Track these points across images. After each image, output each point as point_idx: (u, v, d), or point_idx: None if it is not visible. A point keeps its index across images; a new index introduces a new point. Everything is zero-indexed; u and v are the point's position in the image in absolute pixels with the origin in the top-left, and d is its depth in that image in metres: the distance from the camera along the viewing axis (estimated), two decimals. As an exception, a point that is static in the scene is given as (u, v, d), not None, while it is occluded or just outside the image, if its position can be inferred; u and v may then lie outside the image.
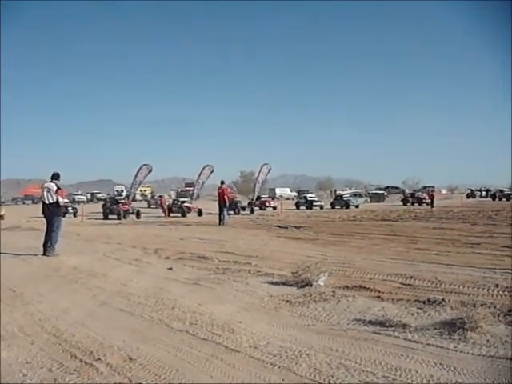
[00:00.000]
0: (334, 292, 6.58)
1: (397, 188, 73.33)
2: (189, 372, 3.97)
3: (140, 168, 37.91)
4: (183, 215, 32.07)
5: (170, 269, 9.14)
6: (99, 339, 4.88)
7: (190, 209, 33.40)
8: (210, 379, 3.84)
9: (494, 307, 5.46)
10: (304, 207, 44.38)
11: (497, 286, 6.78)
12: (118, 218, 28.97)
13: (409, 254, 10.52)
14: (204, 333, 5.05)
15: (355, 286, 7.01)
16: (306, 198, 47.69)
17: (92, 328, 5.28)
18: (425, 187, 68.50)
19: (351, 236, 15.53)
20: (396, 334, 4.82)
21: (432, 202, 40.95)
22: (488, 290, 6.60)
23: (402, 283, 7.31)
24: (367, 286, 6.96)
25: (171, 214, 32.44)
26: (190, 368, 4.07)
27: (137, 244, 13.58)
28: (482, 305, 5.58)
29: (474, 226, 18.69)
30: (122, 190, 70.50)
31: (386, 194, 63.55)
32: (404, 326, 5.00)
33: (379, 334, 4.87)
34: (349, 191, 67.11)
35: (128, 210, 30.76)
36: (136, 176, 38.01)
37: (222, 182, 23.27)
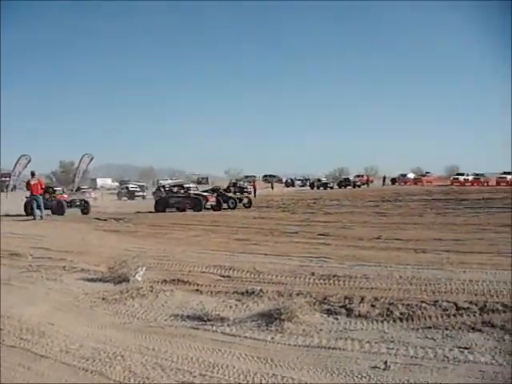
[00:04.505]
0: (151, 287, 6.48)
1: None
2: (-10, 386, 3.64)
3: None
4: None
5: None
6: None
7: None
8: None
9: (310, 296, 5.78)
10: (125, 198, 43.76)
11: (313, 274, 7.17)
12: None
13: (229, 245, 10.79)
14: (12, 339, 4.69)
15: (174, 280, 7.00)
16: (127, 188, 47.12)
17: None
18: (247, 176, 71.23)
19: (171, 227, 15.56)
20: (214, 328, 4.89)
21: (254, 192, 42.83)
22: (304, 278, 6.96)
23: (221, 275, 7.43)
24: (186, 280, 6.99)
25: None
26: (-9, 381, 3.73)
27: None
28: (298, 294, 5.88)
29: (293, 214, 19.87)
30: None
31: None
32: (222, 319, 5.09)
33: (197, 329, 4.91)
34: (170, 181, 67.45)
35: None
36: None
37: (33, 174, 21.67)
